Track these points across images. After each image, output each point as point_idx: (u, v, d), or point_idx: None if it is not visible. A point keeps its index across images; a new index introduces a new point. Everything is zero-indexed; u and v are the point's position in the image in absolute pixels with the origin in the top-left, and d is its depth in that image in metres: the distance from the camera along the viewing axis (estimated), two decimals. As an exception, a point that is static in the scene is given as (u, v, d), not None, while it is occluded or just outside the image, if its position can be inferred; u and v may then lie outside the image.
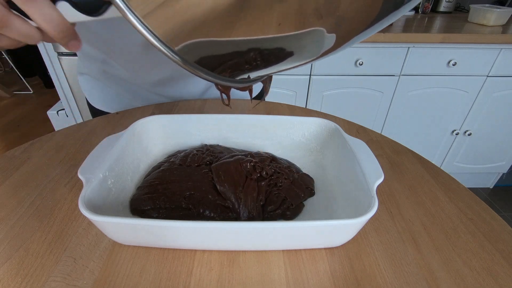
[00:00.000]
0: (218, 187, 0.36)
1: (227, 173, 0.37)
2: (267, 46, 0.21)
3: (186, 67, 0.21)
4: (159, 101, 0.63)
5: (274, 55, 0.22)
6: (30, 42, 0.24)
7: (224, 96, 0.33)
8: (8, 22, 0.21)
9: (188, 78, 0.61)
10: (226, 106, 0.34)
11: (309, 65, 1.23)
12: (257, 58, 0.22)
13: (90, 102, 0.66)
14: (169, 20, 0.18)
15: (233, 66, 0.23)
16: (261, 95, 0.76)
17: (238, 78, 0.25)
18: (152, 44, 0.19)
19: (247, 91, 0.32)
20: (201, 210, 0.34)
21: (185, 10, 0.18)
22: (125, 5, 0.18)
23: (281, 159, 0.43)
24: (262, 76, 0.27)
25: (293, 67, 0.25)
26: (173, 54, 0.20)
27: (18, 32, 0.22)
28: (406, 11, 0.20)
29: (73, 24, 0.24)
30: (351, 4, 0.18)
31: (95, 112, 0.66)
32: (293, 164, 0.43)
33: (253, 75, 0.25)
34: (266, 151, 0.45)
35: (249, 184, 0.36)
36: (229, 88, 0.29)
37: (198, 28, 0.19)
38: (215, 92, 0.67)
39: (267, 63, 0.23)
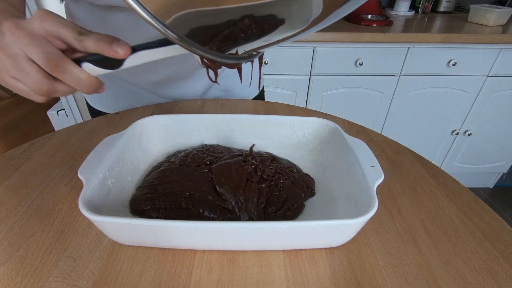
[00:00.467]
0: (218, 189, 0.36)
1: (228, 176, 0.37)
2: (257, 12, 0.21)
3: (179, 42, 0.22)
4: (159, 101, 0.63)
5: (266, 22, 0.22)
6: (85, 91, 0.26)
7: (212, 73, 0.32)
8: (65, 67, 0.24)
9: (188, 79, 0.61)
10: (226, 104, 0.35)
11: (309, 65, 1.23)
12: (249, 27, 0.22)
13: (90, 103, 0.66)
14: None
15: (225, 38, 0.23)
16: (262, 96, 0.76)
17: (229, 52, 0.25)
18: (144, 19, 0.19)
19: (237, 70, 0.32)
20: (201, 211, 0.34)
21: None
22: None
23: (281, 159, 0.43)
24: (252, 52, 0.26)
25: (287, 38, 0.25)
26: (166, 29, 0.20)
27: (75, 78, 0.25)
28: None
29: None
30: None
31: (95, 113, 0.66)
32: (293, 164, 0.43)
33: (247, 47, 0.25)
34: (266, 151, 0.45)
35: (250, 187, 0.36)
36: (216, 64, 0.29)
37: (187, 0, 0.19)
38: (215, 93, 0.67)
39: (260, 32, 0.23)
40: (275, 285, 0.28)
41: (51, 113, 1.57)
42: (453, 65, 1.22)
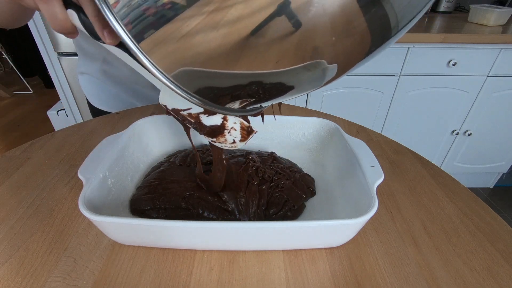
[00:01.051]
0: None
1: (228, 177, 0.37)
2: (266, 80, 0.21)
3: (193, 100, 0.22)
4: None
5: (274, 88, 0.23)
6: (53, 26, 0.27)
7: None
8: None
9: None
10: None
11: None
12: (256, 92, 0.23)
13: (91, 102, 0.66)
14: (173, 56, 0.20)
15: (231, 99, 0.24)
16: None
17: (241, 107, 0.26)
18: (161, 81, 0.21)
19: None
20: (201, 211, 0.34)
21: (190, 48, 0.19)
22: (137, 50, 0.19)
23: (282, 158, 0.43)
24: (259, 108, 0.28)
25: (296, 97, 0.26)
26: (171, 82, 0.21)
27: (51, 12, 0.26)
28: (400, 36, 0.21)
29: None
30: (344, 41, 0.20)
31: (95, 112, 0.66)
32: (294, 164, 0.43)
33: (253, 105, 0.26)
34: (266, 151, 0.45)
35: (250, 189, 0.35)
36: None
37: (201, 64, 0.20)
38: None
39: (267, 97, 0.24)
40: (275, 285, 0.28)
41: (51, 113, 1.57)
42: (453, 65, 1.22)
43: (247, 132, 0.32)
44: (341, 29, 0.19)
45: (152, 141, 0.45)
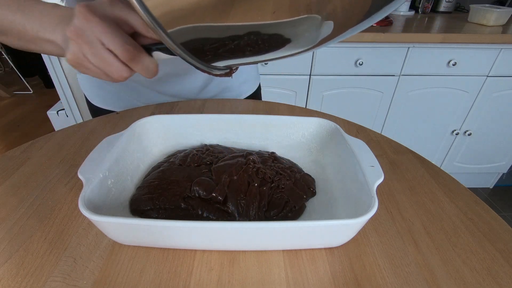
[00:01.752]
0: None
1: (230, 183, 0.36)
2: (263, 30, 0.21)
3: (185, 55, 0.22)
4: (158, 98, 0.63)
5: (272, 41, 0.22)
6: (148, 76, 0.29)
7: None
8: (140, 59, 0.27)
9: (186, 75, 0.61)
10: (226, 104, 0.35)
11: (309, 65, 1.23)
12: (255, 42, 0.22)
13: (90, 100, 0.66)
14: (167, 3, 0.19)
15: (229, 50, 0.23)
16: (259, 92, 0.76)
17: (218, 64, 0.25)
18: (149, 26, 0.20)
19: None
20: (200, 212, 0.34)
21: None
22: None
23: (282, 158, 0.43)
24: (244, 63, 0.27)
25: (292, 55, 0.25)
26: (168, 38, 0.21)
27: (145, 68, 0.28)
28: (401, 3, 0.21)
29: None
30: None
31: (95, 111, 0.66)
32: (295, 164, 0.43)
33: (252, 59, 0.25)
34: (267, 151, 0.45)
35: (251, 191, 0.35)
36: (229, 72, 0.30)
37: (193, 13, 0.19)
38: (213, 89, 0.67)
39: (266, 49, 0.23)
40: (275, 285, 0.28)
41: (51, 113, 1.57)
42: (453, 65, 1.22)
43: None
44: None
45: (152, 141, 0.45)
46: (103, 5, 0.25)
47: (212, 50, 0.23)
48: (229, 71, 0.27)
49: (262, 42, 0.22)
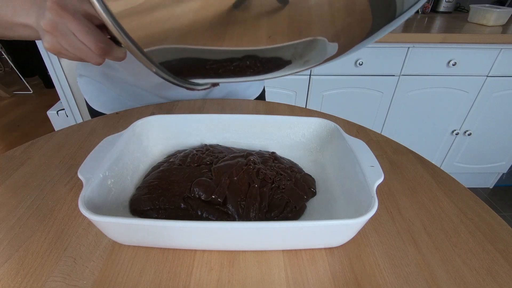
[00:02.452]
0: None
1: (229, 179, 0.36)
2: (261, 54, 0.20)
3: (163, 74, 0.21)
4: (160, 102, 0.63)
5: (271, 63, 0.21)
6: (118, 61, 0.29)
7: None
8: (112, 52, 0.28)
9: None
10: (226, 104, 0.35)
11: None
12: (251, 66, 0.21)
13: (90, 104, 0.65)
14: (147, 27, 0.18)
15: (222, 73, 0.22)
16: (263, 95, 0.76)
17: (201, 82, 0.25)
18: (124, 44, 0.19)
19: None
20: (200, 213, 0.34)
21: (166, 20, 0.17)
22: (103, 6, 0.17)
23: (283, 158, 0.43)
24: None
25: (292, 74, 0.24)
26: (145, 58, 0.20)
27: (116, 57, 0.29)
28: (402, 21, 0.20)
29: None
30: (343, 19, 0.18)
31: (95, 114, 0.66)
32: (295, 164, 0.43)
33: (250, 79, 0.25)
34: (267, 150, 0.45)
35: (251, 192, 0.35)
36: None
37: (179, 39, 0.18)
38: (217, 94, 0.67)
39: (265, 71, 0.22)
40: (275, 285, 0.28)
41: (51, 113, 1.57)
42: (453, 65, 1.22)
43: None
44: (339, 6, 0.17)
45: (152, 141, 0.45)
46: (73, 0, 0.25)
47: (199, 70, 0.22)
48: (211, 85, 0.27)
49: (260, 64, 0.21)
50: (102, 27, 0.28)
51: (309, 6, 0.17)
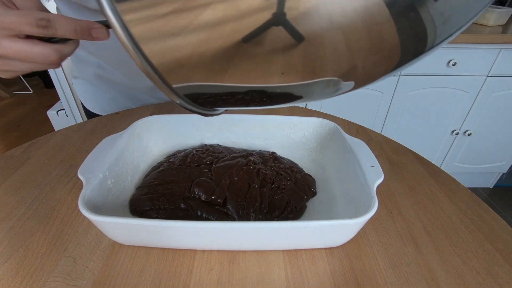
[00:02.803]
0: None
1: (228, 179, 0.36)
2: (271, 91, 0.19)
3: (177, 100, 0.21)
4: (156, 103, 0.63)
5: (281, 97, 0.20)
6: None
7: None
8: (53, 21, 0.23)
9: None
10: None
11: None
12: (261, 99, 0.21)
13: (86, 106, 0.65)
14: (169, 53, 0.17)
15: (233, 103, 0.22)
16: None
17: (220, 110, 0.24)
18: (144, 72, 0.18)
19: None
20: (199, 213, 0.34)
21: (187, 47, 0.16)
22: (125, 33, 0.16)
23: (283, 158, 0.43)
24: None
25: (301, 103, 0.24)
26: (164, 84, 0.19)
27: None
28: (435, 50, 0.18)
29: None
30: (366, 58, 0.17)
31: (91, 116, 0.65)
32: (295, 164, 0.43)
33: (259, 108, 0.24)
34: (267, 150, 0.45)
35: (251, 193, 0.35)
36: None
37: (196, 68, 0.18)
38: None
39: (274, 102, 0.22)
40: (275, 285, 0.28)
41: (51, 113, 1.57)
42: (453, 65, 1.22)
43: None
44: (360, 44, 0.16)
45: (152, 141, 0.45)
46: None
47: (213, 101, 0.22)
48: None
49: (268, 98, 0.20)
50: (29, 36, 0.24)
51: (324, 44, 0.15)
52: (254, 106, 0.23)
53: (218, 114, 0.26)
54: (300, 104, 0.24)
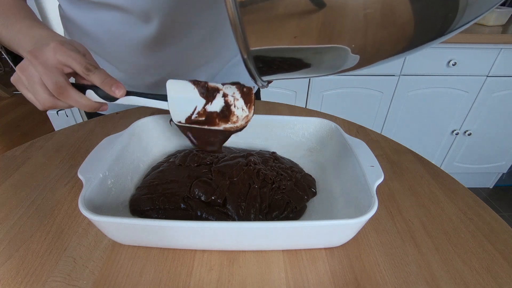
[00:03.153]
0: None
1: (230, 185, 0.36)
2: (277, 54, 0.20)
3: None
4: None
5: (289, 63, 0.22)
6: (85, 110, 0.34)
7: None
8: (68, 94, 0.32)
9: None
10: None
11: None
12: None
13: None
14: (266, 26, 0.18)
15: (285, 68, 0.23)
16: (257, 94, 0.76)
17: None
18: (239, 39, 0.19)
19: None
20: (199, 213, 0.34)
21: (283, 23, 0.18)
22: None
23: (283, 158, 0.43)
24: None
25: (303, 77, 0.25)
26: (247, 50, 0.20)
27: (75, 102, 0.32)
28: (440, 41, 0.19)
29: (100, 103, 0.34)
30: (380, 32, 0.17)
31: (91, 115, 0.65)
32: (295, 164, 0.43)
33: (266, 78, 0.25)
34: (268, 150, 0.45)
35: (251, 193, 0.35)
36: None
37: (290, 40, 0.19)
38: None
39: (282, 70, 0.23)
40: (275, 285, 0.28)
41: (51, 113, 1.57)
42: (453, 65, 1.22)
43: (246, 93, 0.34)
44: (376, 17, 0.16)
45: (152, 141, 0.45)
46: (48, 50, 0.31)
47: (267, 66, 0.23)
48: (267, 83, 0.28)
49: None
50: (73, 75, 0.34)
51: (343, 13, 0.16)
52: (297, 73, 0.24)
53: (264, 85, 0.27)
54: (303, 76, 0.24)
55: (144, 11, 0.42)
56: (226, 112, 0.34)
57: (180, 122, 0.35)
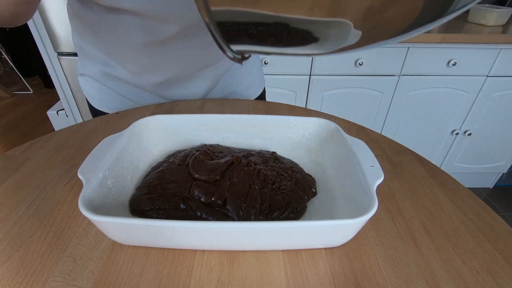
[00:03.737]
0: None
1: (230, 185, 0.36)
2: (293, 24, 0.20)
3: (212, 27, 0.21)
4: (161, 102, 0.63)
5: (300, 36, 0.21)
6: None
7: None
8: None
9: (190, 80, 0.61)
10: (226, 104, 0.34)
11: (308, 65, 1.23)
12: (280, 34, 0.21)
13: (91, 103, 0.66)
14: None
15: (252, 36, 0.22)
16: (263, 96, 0.76)
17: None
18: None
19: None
20: (199, 214, 0.34)
21: None
22: None
23: (283, 158, 0.43)
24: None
25: (310, 54, 0.24)
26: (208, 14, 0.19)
27: None
28: (445, 20, 0.18)
29: None
30: (386, 7, 0.17)
31: (96, 113, 0.66)
32: (296, 164, 0.43)
33: (272, 50, 0.24)
34: (268, 150, 0.45)
35: (252, 194, 0.35)
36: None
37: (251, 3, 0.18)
38: (217, 95, 0.67)
39: (288, 43, 0.22)
40: (275, 285, 0.28)
41: (51, 113, 1.57)
42: (453, 65, 1.22)
43: None
44: None
45: (152, 141, 0.45)
46: None
47: (234, 32, 0.22)
48: (241, 58, 0.27)
49: (287, 35, 0.21)
50: None
51: None
52: (271, 45, 0.22)
53: (233, 56, 0.25)
54: (309, 53, 0.23)
55: (160, 15, 0.42)
56: None
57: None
